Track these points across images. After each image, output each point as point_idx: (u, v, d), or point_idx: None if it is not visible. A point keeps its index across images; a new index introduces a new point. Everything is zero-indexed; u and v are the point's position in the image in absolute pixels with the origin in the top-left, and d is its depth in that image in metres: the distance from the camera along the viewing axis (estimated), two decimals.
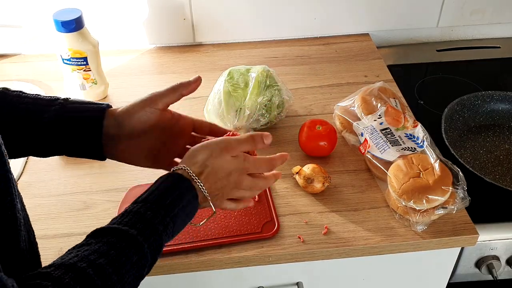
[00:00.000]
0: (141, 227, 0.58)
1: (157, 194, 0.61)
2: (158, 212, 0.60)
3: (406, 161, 0.90)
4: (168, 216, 0.60)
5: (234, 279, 0.92)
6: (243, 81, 1.05)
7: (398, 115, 0.98)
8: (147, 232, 0.58)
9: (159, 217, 0.59)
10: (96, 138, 0.67)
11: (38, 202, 0.94)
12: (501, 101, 1.16)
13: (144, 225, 0.58)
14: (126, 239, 0.56)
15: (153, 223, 0.59)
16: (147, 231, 0.58)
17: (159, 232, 0.59)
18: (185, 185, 0.63)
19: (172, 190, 0.62)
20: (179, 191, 0.62)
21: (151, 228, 0.58)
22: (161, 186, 0.63)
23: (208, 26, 1.36)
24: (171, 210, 0.61)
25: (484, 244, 0.95)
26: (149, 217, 0.59)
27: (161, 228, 0.59)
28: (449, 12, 1.40)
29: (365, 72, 1.28)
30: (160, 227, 0.59)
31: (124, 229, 0.57)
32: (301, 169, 0.95)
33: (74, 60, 1.12)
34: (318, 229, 0.89)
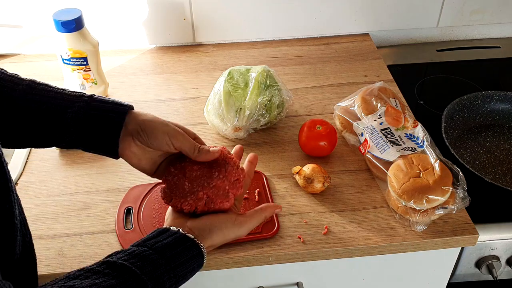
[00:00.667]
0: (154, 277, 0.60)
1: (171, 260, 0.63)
2: (169, 272, 0.62)
3: (406, 161, 0.90)
4: (175, 278, 0.62)
5: (234, 279, 0.92)
6: (243, 81, 1.05)
7: (398, 115, 0.98)
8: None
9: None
10: (115, 137, 0.68)
11: (38, 202, 0.94)
12: (501, 101, 1.16)
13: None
14: (137, 281, 0.58)
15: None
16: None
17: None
18: (194, 253, 0.65)
19: (182, 255, 0.64)
20: (189, 259, 0.64)
21: (160, 281, 0.60)
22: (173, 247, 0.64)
23: (208, 26, 1.36)
24: (179, 272, 0.63)
25: (484, 244, 0.95)
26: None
27: (167, 284, 0.61)
28: (449, 12, 1.40)
29: (365, 72, 1.28)
30: (166, 283, 0.61)
31: (136, 271, 0.59)
32: (301, 169, 0.95)
33: (74, 60, 1.12)
34: (318, 229, 0.88)
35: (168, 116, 1.14)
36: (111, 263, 0.59)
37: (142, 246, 0.63)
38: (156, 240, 0.64)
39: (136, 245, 0.63)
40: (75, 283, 0.54)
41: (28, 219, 0.91)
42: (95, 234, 0.88)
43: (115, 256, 0.60)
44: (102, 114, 0.68)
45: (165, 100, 1.19)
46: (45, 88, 0.70)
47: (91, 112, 0.68)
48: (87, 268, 0.58)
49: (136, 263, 0.59)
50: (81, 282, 0.54)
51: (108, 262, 0.59)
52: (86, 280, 0.55)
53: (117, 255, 0.61)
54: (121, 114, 0.69)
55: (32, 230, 0.88)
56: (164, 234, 0.65)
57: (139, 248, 0.62)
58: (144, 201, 0.93)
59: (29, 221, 0.90)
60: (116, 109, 0.69)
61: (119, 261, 0.59)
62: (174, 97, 1.20)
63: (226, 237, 0.69)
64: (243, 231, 0.70)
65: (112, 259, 0.59)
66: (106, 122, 0.68)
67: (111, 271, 0.57)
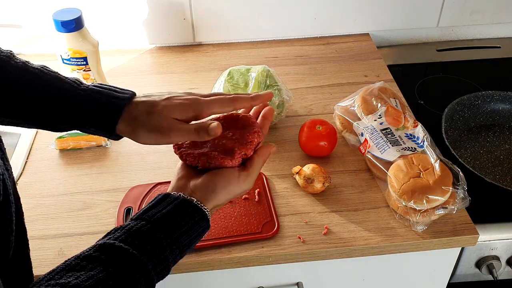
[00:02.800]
0: (152, 254, 0.59)
1: (171, 222, 0.62)
2: (170, 245, 0.61)
3: (406, 161, 0.90)
4: (178, 248, 0.61)
5: (234, 279, 0.92)
6: (243, 81, 1.05)
7: (398, 115, 0.98)
8: (155, 260, 0.59)
9: (169, 248, 0.61)
10: (114, 121, 0.68)
11: (38, 202, 0.94)
12: (501, 101, 1.16)
13: (155, 254, 0.59)
14: (136, 265, 0.57)
15: (164, 253, 0.60)
16: (157, 259, 0.59)
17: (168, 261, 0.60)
18: (197, 218, 0.64)
19: (184, 219, 0.63)
20: (192, 226, 0.63)
21: (162, 257, 0.59)
22: (173, 213, 0.63)
23: (208, 26, 1.36)
24: (182, 241, 0.62)
25: (484, 244, 0.95)
26: (162, 246, 0.60)
27: (170, 258, 0.61)
28: (449, 12, 1.40)
29: (365, 72, 1.28)
30: (169, 257, 0.60)
31: (134, 253, 0.57)
32: (301, 169, 0.95)
33: (74, 60, 1.12)
34: (318, 229, 0.88)
35: None
36: (107, 246, 0.57)
37: (141, 219, 0.61)
38: (155, 210, 0.62)
39: (135, 218, 0.62)
40: (70, 278, 0.53)
41: (28, 219, 0.91)
42: (95, 234, 0.88)
43: (113, 235, 0.59)
44: (105, 99, 0.68)
45: None
46: (42, 70, 0.71)
47: (92, 95, 0.68)
48: (83, 255, 0.56)
49: (134, 242, 0.58)
50: (76, 277, 0.53)
51: (105, 246, 0.57)
52: (82, 272, 0.54)
53: (115, 233, 0.59)
54: (125, 99, 0.68)
55: (32, 230, 0.89)
56: (164, 201, 0.63)
57: (137, 223, 0.60)
58: (144, 201, 0.93)
59: (29, 221, 0.91)
60: (120, 97, 0.69)
61: (116, 243, 0.57)
62: None
63: (232, 194, 0.67)
64: (248, 185, 0.68)
65: (109, 240, 0.58)
66: (107, 108, 0.68)
67: (108, 256, 0.56)
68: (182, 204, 0.63)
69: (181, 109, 0.67)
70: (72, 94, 0.68)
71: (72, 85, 0.69)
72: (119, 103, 0.68)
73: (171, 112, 0.67)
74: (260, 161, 0.70)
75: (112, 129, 0.68)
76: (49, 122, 0.70)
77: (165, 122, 0.66)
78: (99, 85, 0.70)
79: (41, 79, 0.69)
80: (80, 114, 0.68)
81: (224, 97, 0.70)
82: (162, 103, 0.67)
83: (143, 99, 0.69)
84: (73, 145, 1.04)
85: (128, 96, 0.69)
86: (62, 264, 0.56)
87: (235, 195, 0.68)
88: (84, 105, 0.68)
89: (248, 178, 0.68)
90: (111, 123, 0.67)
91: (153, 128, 0.66)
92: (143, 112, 0.67)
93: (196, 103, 0.68)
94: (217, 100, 0.69)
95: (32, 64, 0.70)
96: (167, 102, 0.68)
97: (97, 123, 0.68)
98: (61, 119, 0.69)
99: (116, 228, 0.61)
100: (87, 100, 0.68)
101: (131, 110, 0.68)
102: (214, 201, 0.66)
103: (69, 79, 0.70)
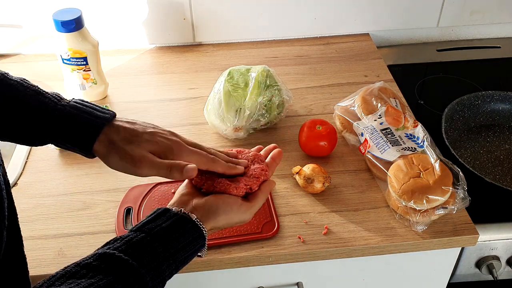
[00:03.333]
0: (153, 267, 0.59)
1: (170, 240, 0.62)
2: (168, 259, 0.61)
3: (406, 161, 0.90)
4: (175, 263, 0.61)
5: (234, 279, 0.92)
6: (243, 81, 1.05)
7: (398, 115, 0.98)
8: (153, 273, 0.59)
9: (167, 264, 0.61)
10: (91, 141, 0.67)
11: (38, 202, 0.94)
12: (501, 101, 1.16)
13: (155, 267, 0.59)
14: (134, 276, 0.57)
15: (161, 266, 0.60)
16: (155, 272, 0.59)
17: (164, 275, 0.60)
18: (195, 236, 0.64)
19: (183, 236, 0.63)
20: (189, 242, 0.63)
21: (159, 270, 0.59)
22: (174, 229, 0.63)
23: (208, 26, 1.36)
24: (179, 257, 0.62)
25: (484, 244, 0.95)
26: (160, 260, 0.60)
27: (167, 272, 0.61)
28: (449, 12, 1.40)
29: (365, 72, 1.28)
30: (166, 271, 0.60)
31: (133, 264, 0.57)
32: (301, 169, 0.95)
33: (74, 60, 1.12)
34: (318, 229, 0.88)
35: (168, 116, 1.14)
36: (107, 256, 0.57)
37: (141, 231, 0.61)
38: (155, 224, 0.62)
39: (135, 230, 0.62)
40: (71, 285, 0.53)
41: (28, 219, 0.91)
42: (95, 234, 0.88)
43: (113, 245, 0.59)
44: (81, 120, 0.67)
45: (165, 100, 1.19)
46: (22, 83, 0.69)
47: (66, 118, 0.67)
48: (83, 263, 0.57)
49: (134, 253, 0.58)
50: (77, 284, 0.53)
51: (105, 255, 0.57)
52: (82, 279, 0.54)
53: (115, 243, 0.60)
54: (103, 121, 0.67)
55: (32, 230, 0.89)
56: (163, 216, 0.63)
57: (137, 235, 0.60)
58: (144, 201, 0.93)
59: (29, 221, 0.91)
60: (95, 119, 0.67)
61: (116, 254, 0.57)
62: (174, 97, 1.20)
63: (230, 221, 0.68)
64: (248, 217, 0.69)
65: (109, 250, 0.58)
66: (83, 128, 0.67)
67: (108, 265, 0.56)
68: (181, 220, 0.64)
69: (160, 148, 0.67)
70: (51, 110, 0.67)
71: (52, 100, 0.68)
72: (97, 123, 0.67)
73: (150, 147, 0.66)
74: (263, 197, 0.71)
75: (89, 149, 0.67)
76: (25, 137, 0.69)
77: (140, 153, 0.66)
78: (80, 101, 0.69)
79: (20, 93, 0.68)
80: (57, 130, 0.67)
81: (206, 155, 0.69)
82: (144, 136, 0.67)
83: (126, 125, 0.68)
84: None
85: (108, 116, 0.68)
86: (61, 271, 0.56)
87: (233, 223, 0.68)
88: (62, 122, 0.67)
89: (250, 210, 0.69)
90: (88, 143, 0.67)
91: (125, 156, 0.66)
92: (122, 138, 0.66)
93: (178, 149, 0.68)
94: (197, 155, 0.69)
95: (11, 77, 0.69)
96: (150, 137, 0.67)
97: (73, 141, 0.67)
98: (37, 134, 0.68)
99: (115, 238, 0.61)
100: (66, 117, 0.67)
101: (110, 133, 0.67)
102: (213, 223, 0.66)
103: (49, 94, 0.69)
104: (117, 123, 0.68)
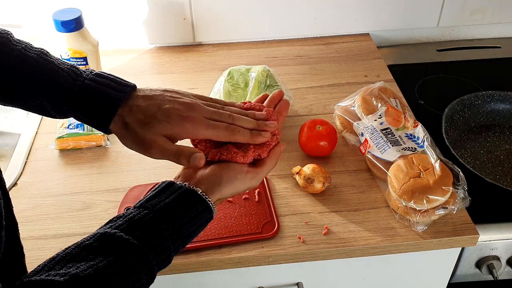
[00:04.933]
0: (154, 245, 0.58)
1: (175, 213, 0.61)
2: (172, 235, 0.60)
3: (406, 161, 0.90)
4: (180, 238, 0.61)
5: (234, 279, 0.92)
6: (243, 81, 1.05)
7: (399, 115, 0.98)
8: (157, 250, 0.58)
9: (172, 239, 0.60)
10: (107, 121, 0.66)
11: (38, 202, 0.94)
12: (501, 101, 1.16)
13: (157, 244, 0.59)
14: (137, 254, 0.56)
15: (166, 244, 0.59)
16: (159, 249, 0.59)
17: (170, 251, 0.60)
18: (200, 209, 0.63)
19: (188, 211, 0.62)
20: (195, 216, 0.62)
21: (163, 247, 0.59)
22: (178, 204, 0.62)
23: (208, 26, 1.36)
24: (184, 232, 0.61)
25: (484, 244, 0.95)
26: (164, 236, 0.59)
27: (172, 248, 0.60)
28: (449, 12, 1.40)
29: (365, 72, 1.28)
30: (171, 247, 0.60)
31: (135, 243, 0.57)
32: (301, 169, 0.95)
33: (74, 60, 1.12)
34: (318, 229, 0.88)
35: None
36: (108, 236, 0.56)
37: (144, 208, 0.60)
38: (158, 200, 0.61)
39: (138, 207, 0.61)
40: (70, 269, 0.52)
41: (28, 219, 0.92)
42: None
43: (115, 224, 0.58)
44: (103, 90, 0.66)
45: None
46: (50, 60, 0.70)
47: (90, 87, 0.66)
48: (84, 244, 0.56)
49: (135, 232, 0.57)
50: (76, 267, 0.53)
51: (105, 235, 0.57)
52: (83, 262, 0.54)
53: (117, 221, 0.59)
54: (124, 92, 0.67)
55: (32, 230, 0.89)
56: (167, 190, 0.62)
57: (139, 211, 0.60)
58: None
59: (29, 221, 0.91)
60: (118, 88, 0.67)
61: (117, 233, 0.57)
62: None
63: (237, 189, 0.66)
64: (255, 183, 0.67)
65: (110, 229, 0.57)
66: (104, 100, 0.66)
67: (108, 246, 0.56)
68: (186, 194, 0.62)
69: (174, 129, 0.65)
70: (67, 89, 0.66)
71: (67, 79, 0.67)
72: (112, 104, 0.66)
73: (162, 130, 0.65)
74: (271, 163, 0.69)
75: (106, 130, 0.67)
76: (43, 110, 0.69)
77: (151, 137, 0.65)
78: (97, 78, 0.67)
79: (36, 70, 0.67)
80: (74, 108, 0.67)
81: (224, 128, 0.66)
82: (158, 116, 0.65)
83: (142, 103, 0.66)
84: (73, 145, 1.04)
85: (124, 95, 0.66)
86: (62, 252, 0.55)
87: (240, 190, 0.67)
88: (78, 101, 0.66)
89: (257, 176, 0.67)
90: (103, 125, 0.66)
91: (137, 140, 0.65)
92: (136, 120, 0.65)
93: (193, 127, 0.65)
94: (215, 130, 0.66)
95: (30, 51, 0.69)
96: (164, 117, 0.65)
97: (90, 122, 0.68)
98: (56, 109, 0.68)
99: (118, 216, 0.60)
100: (82, 96, 0.66)
101: (124, 114, 0.66)
102: (218, 194, 0.65)
103: (65, 71, 0.68)
104: (133, 102, 0.66)
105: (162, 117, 0.65)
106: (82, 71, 0.69)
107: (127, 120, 0.65)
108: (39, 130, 1.10)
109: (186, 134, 0.66)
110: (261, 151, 0.68)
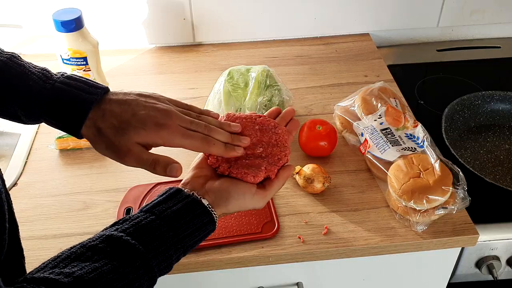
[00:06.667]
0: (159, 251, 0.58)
1: (179, 222, 0.61)
2: (176, 244, 0.60)
3: (406, 161, 0.90)
4: (183, 248, 0.61)
5: (234, 279, 0.92)
6: (243, 81, 1.05)
7: (399, 115, 0.98)
8: (160, 257, 0.58)
9: (175, 247, 0.60)
10: (78, 125, 0.64)
11: (38, 202, 0.94)
12: (501, 101, 1.16)
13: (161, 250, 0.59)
14: (140, 260, 0.56)
15: (168, 251, 0.59)
16: (161, 256, 0.59)
17: (172, 259, 0.60)
18: (205, 221, 0.63)
19: (193, 220, 0.62)
20: (199, 227, 0.62)
21: (166, 255, 0.59)
22: (184, 213, 0.61)
23: (208, 26, 1.36)
24: (187, 242, 0.61)
25: (484, 244, 0.95)
26: (168, 245, 0.59)
27: (174, 256, 0.60)
28: (449, 12, 1.40)
29: (365, 72, 1.28)
30: (173, 256, 0.60)
31: (140, 248, 0.57)
32: (301, 169, 0.95)
33: (74, 60, 1.12)
34: (318, 229, 0.88)
35: None
36: (114, 239, 0.56)
37: (151, 213, 0.60)
38: (165, 206, 0.61)
39: (145, 211, 0.61)
40: (74, 269, 0.52)
41: (28, 219, 0.92)
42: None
43: (121, 227, 0.58)
44: (73, 94, 0.64)
45: None
46: (20, 64, 0.67)
47: (60, 92, 0.64)
48: (89, 244, 0.56)
49: (141, 237, 0.57)
50: (81, 268, 0.53)
51: (112, 238, 0.56)
52: (87, 262, 0.53)
53: (123, 224, 0.58)
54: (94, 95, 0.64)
55: (32, 230, 0.89)
56: (175, 197, 0.62)
57: (147, 217, 0.59)
58: (144, 201, 0.93)
59: (29, 221, 0.91)
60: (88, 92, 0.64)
61: (123, 237, 0.56)
62: (174, 97, 1.18)
63: (242, 208, 0.66)
64: (261, 204, 0.67)
65: (116, 232, 0.57)
66: (74, 104, 0.64)
67: (114, 249, 0.55)
68: (193, 203, 0.62)
69: (149, 137, 0.64)
70: (37, 91, 0.64)
71: (37, 82, 0.65)
72: (83, 108, 0.63)
73: (137, 138, 0.63)
74: (279, 185, 0.69)
75: (77, 134, 0.65)
76: (13, 116, 0.67)
77: (126, 145, 0.63)
78: (66, 80, 0.65)
79: (6, 74, 0.65)
80: (45, 112, 0.65)
81: (200, 138, 0.65)
82: (133, 122, 0.63)
83: (115, 108, 0.64)
84: (73, 145, 1.04)
85: (95, 97, 0.64)
86: (67, 251, 0.55)
87: (245, 209, 0.67)
88: (48, 104, 0.64)
89: (264, 198, 0.67)
90: (74, 129, 0.65)
91: (112, 146, 0.63)
92: (109, 126, 0.63)
93: (168, 136, 0.64)
94: (190, 139, 0.65)
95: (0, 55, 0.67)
96: (139, 123, 0.63)
97: (60, 127, 0.66)
98: (26, 114, 0.66)
99: (124, 218, 0.60)
100: (52, 98, 0.64)
101: (97, 119, 0.64)
102: (225, 209, 0.65)
103: (35, 74, 0.66)
104: (106, 106, 0.64)
105: (137, 123, 0.63)
106: (53, 73, 0.67)
107: (100, 125, 0.64)
108: (39, 130, 1.10)
109: (161, 142, 0.64)
110: (271, 171, 0.68)
